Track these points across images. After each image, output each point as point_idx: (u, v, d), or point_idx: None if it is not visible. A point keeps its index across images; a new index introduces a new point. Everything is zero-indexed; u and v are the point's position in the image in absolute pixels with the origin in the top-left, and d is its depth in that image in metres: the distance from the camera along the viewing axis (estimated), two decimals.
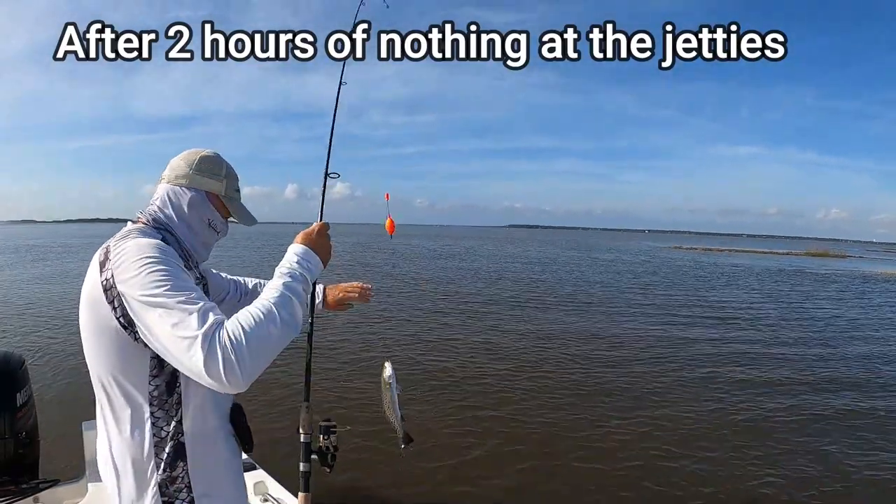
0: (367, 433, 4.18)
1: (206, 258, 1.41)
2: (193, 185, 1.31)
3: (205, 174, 1.33)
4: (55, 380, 5.75)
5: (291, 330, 1.10)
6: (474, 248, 41.11)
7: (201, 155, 1.35)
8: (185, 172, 1.32)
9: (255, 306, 1.07)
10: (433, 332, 9.04)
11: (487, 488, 3.93)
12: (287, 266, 1.22)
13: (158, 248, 1.11)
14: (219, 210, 1.36)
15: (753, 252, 51.63)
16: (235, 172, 1.41)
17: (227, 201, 1.37)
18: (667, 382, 6.64)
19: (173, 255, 1.14)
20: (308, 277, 1.22)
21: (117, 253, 1.10)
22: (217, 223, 1.36)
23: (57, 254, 26.05)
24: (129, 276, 1.05)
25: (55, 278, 15.30)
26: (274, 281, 1.18)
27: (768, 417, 5.56)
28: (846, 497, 4.01)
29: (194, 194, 1.31)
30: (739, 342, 9.17)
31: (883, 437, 5.08)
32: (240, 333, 0.99)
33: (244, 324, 1.02)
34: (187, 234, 1.31)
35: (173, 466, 1.16)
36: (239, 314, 1.05)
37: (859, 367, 7.81)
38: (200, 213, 1.32)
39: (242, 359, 0.98)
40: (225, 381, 0.97)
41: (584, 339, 9.03)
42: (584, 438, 4.84)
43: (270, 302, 1.09)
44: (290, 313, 1.10)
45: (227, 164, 1.39)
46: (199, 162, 1.33)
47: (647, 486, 4.02)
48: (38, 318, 9.08)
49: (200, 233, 1.33)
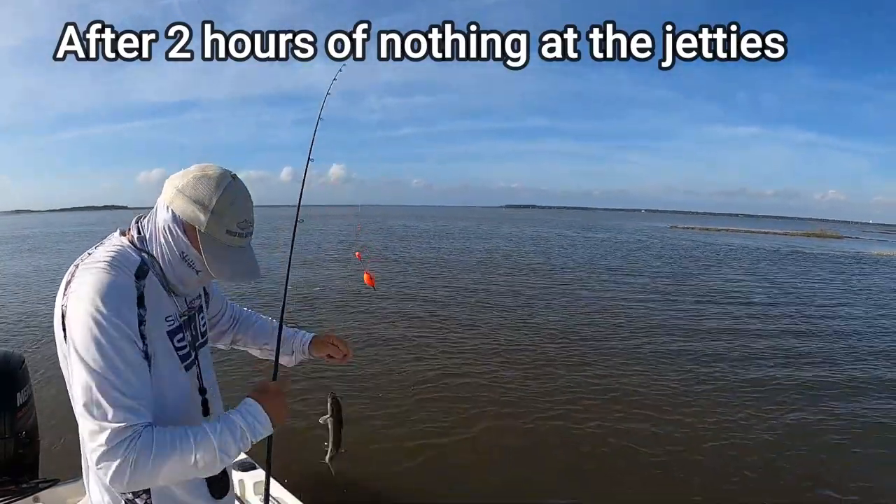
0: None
1: (187, 294, 1.21)
2: (172, 205, 1.10)
3: (187, 197, 1.08)
4: (55, 379, 5.62)
5: (200, 475, 1.05)
6: (469, 228, 41.31)
7: (202, 173, 1.11)
8: (173, 188, 1.11)
9: (180, 438, 0.99)
10: (422, 309, 9.45)
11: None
12: (234, 418, 1.09)
13: (116, 297, 1.00)
14: (195, 247, 1.10)
15: (750, 232, 51.74)
16: (241, 210, 1.12)
17: (203, 240, 1.09)
18: (638, 354, 7.09)
19: (130, 306, 1.02)
20: (249, 437, 1.09)
21: (79, 283, 1.01)
22: (192, 259, 1.12)
23: (53, 244, 25.71)
24: (76, 326, 0.98)
25: (54, 272, 15.21)
26: (214, 424, 1.06)
27: (730, 387, 5.91)
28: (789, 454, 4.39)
29: (169, 217, 1.10)
30: (717, 318, 9.49)
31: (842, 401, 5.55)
32: (148, 457, 0.95)
33: (158, 450, 0.96)
34: (164, 260, 1.12)
35: (136, 493, 1.10)
36: (161, 436, 0.98)
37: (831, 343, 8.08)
38: (173, 242, 1.10)
39: (133, 477, 0.95)
40: (107, 480, 0.95)
41: (568, 314, 9.50)
42: (553, 402, 5.30)
43: (196, 443, 1.00)
44: (207, 464, 1.02)
45: (231, 195, 1.11)
46: (191, 181, 1.09)
47: (610, 442, 4.48)
48: (38, 316, 9.01)
49: (174, 265, 1.12)
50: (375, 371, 6.03)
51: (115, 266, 1.04)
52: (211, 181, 1.10)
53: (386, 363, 6.39)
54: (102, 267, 1.02)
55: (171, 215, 1.10)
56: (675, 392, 5.71)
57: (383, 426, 4.67)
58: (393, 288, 11.55)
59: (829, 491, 3.87)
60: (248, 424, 1.08)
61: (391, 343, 7.30)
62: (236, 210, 1.12)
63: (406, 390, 5.55)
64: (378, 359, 6.49)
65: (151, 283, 1.10)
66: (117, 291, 1.00)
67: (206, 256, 1.10)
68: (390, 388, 5.61)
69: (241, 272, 1.15)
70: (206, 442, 1.01)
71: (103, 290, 0.98)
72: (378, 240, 26.20)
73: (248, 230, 1.16)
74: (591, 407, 5.20)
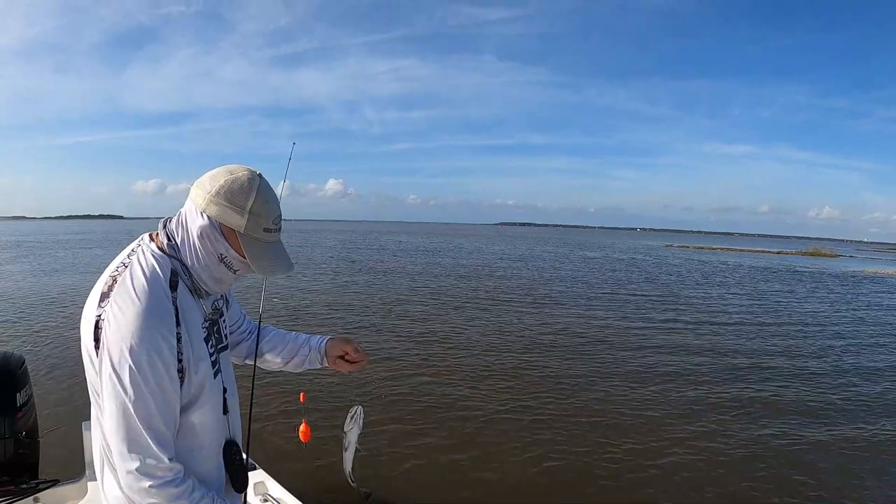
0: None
1: (221, 291, 1.25)
2: (208, 211, 1.12)
3: (223, 203, 1.11)
4: (55, 380, 5.70)
5: None
6: (462, 245, 41.41)
7: (232, 176, 1.13)
8: (204, 194, 1.12)
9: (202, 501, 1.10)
10: (411, 324, 9.36)
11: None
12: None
13: (158, 324, 1.04)
14: (234, 247, 1.14)
15: (743, 251, 52.02)
16: (272, 206, 1.16)
17: (242, 240, 1.13)
18: (603, 371, 7.08)
19: (171, 328, 1.07)
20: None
21: (120, 305, 1.04)
22: (231, 261, 1.16)
23: (52, 250, 25.71)
24: (114, 346, 1.01)
25: (53, 275, 15.15)
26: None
27: (692, 402, 5.91)
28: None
29: (206, 223, 1.12)
30: (689, 335, 9.48)
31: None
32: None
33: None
34: (195, 264, 1.15)
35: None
36: (192, 491, 1.09)
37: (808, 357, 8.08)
38: (210, 247, 1.14)
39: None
40: (128, 491, 1.05)
41: (551, 330, 9.44)
42: (525, 422, 5.22)
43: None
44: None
45: (263, 194, 1.14)
46: (224, 186, 1.12)
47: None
48: (38, 317, 9.00)
49: (210, 266, 1.16)
50: (374, 375, 6.04)
51: (155, 283, 1.08)
52: (244, 184, 1.13)
53: (383, 370, 6.37)
54: (147, 288, 1.06)
55: (207, 221, 1.12)
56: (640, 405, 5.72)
57: (383, 427, 4.69)
58: (381, 301, 11.62)
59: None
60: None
61: (390, 352, 7.31)
62: (270, 208, 1.15)
63: (399, 395, 5.56)
64: (380, 364, 6.49)
65: (182, 292, 1.13)
66: (157, 321, 1.04)
67: (248, 256, 1.14)
68: (385, 391, 5.64)
69: (281, 266, 1.20)
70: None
71: (144, 322, 1.02)
72: (369, 254, 26.24)
73: (280, 225, 1.20)
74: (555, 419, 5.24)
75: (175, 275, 1.12)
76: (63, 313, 9.21)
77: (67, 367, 6.03)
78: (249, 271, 1.19)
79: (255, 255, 1.15)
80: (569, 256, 31.67)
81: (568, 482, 4.08)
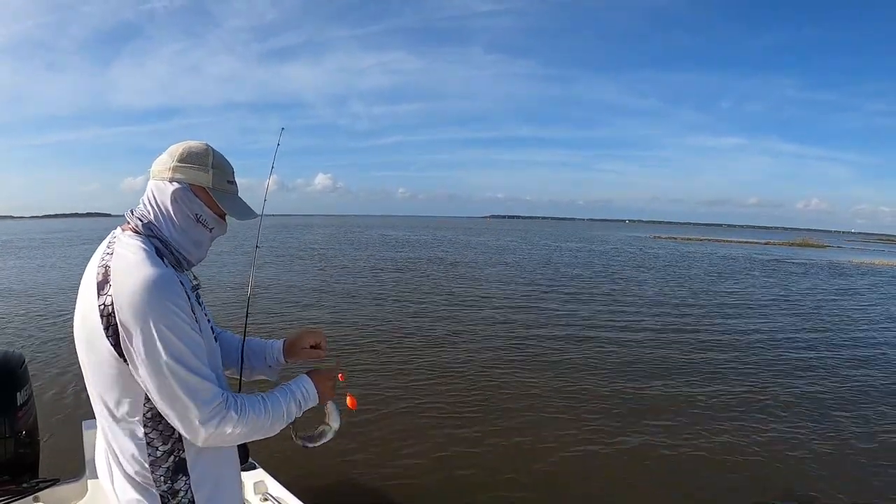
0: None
1: (201, 257, 1.31)
2: (176, 177, 1.22)
3: (188, 165, 1.23)
4: (55, 379, 5.66)
5: (268, 434, 1.25)
6: (448, 237, 41.56)
7: (187, 144, 1.27)
8: (167, 165, 1.23)
9: (260, 403, 1.21)
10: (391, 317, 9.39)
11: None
12: (294, 389, 1.32)
13: (169, 289, 1.09)
14: (208, 205, 1.26)
15: (730, 242, 52.53)
16: (228, 163, 1.31)
17: (214, 194, 1.26)
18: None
19: (180, 292, 1.12)
20: (302, 406, 1.32)
21: (120, 280, 1.07)
22: (206, 218, 1.26)
23: (50, 248, 25.43)
24: (136, 322, 1.04)
25: (52, 273, 14.95)
26: (278, 394, 1.28)
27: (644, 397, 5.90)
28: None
29: (177, 187, 1.22)
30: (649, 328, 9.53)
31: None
32: (244, 417, 1.15)
33: (248, 413, 1.17)
34: (173, 233, 1.23)
35: (174, 479, 1.17)
36: (247, 400, 1.19)
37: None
38: (186, 208, 1.23)
39: (234, 431, 1.14)
40: (202, 441, 1.12)
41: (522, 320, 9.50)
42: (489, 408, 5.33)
43: (270, 408, 1.22)
44: (274, 424, 1.24)
45: (217, 153, 1.28)
46: (183, 153, 1.24)
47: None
48: (38, 316, 8.92)
49: (188, 230, 1.25)
50: (372, 374, 6.05)
51: (149, 255, 1.13)
52: (200, 148, 1.27)
53: (378, 368, 6.41)
54: (143, 262, 1.10)
55: (177, 186, 1.23)
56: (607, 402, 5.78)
57: (382, 427, 4.71)
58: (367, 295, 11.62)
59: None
60: (303, 396, 1.31)
61: (381, 345, 7.34)
62: (227, 163, 1.31)
63: (395, 393, 5.58)
64: (373, 362, 6.52)
65: (167, 265, 1.17)
66: (168, 284, 1.09)
67: (223, 206, 1.27)
68: (385, 389, 5.66)
69: (249, 212, 1.34)
70: (277, 407, 1.24)
71: (158, 285, 1.07)
72: (353, 249, 26.23)
73: (235, 181, 1.34)
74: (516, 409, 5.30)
75: (158, 252, 1.17)
76: (63, 311, 9.12)
77: (68, 366, 5.98)
78: (221, 230, 1.32)
79: (228, 205, 1.28)
80: (539, 245, 32.00)
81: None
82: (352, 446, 4.21)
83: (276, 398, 1.25)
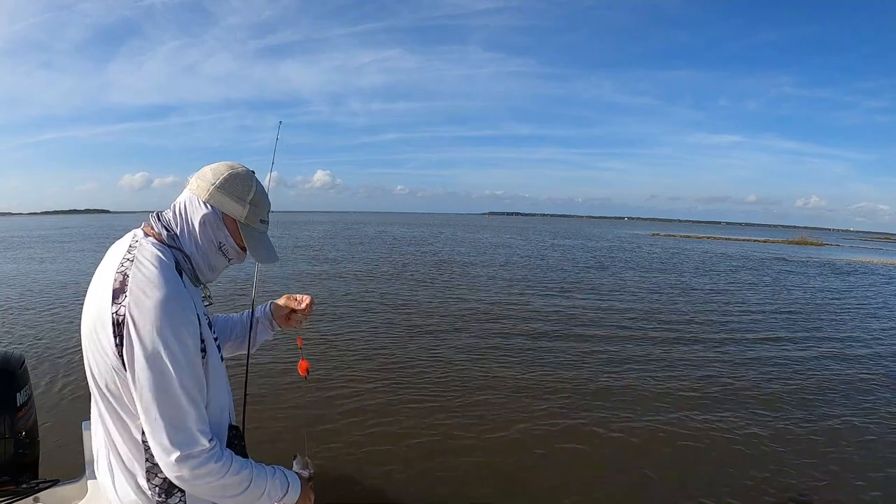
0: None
1: (211, 279, 1.31)
2: (211, 201, 1.22)
3: (226, 193, 1.22)
4: (55, 379, 5.63)
5: (238, 501, 1.17)
6: (445, 234, 41.64)
7: (232, 171, 1.25)
8: (207, 185, 1.22)
9: (245, 469, 1.16)
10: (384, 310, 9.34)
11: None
12: (287, 477, 1.29)
13: (182, 308, 1.09)
14: (233, 236, 1.25)
15: (729, 239, 52.57)
16: (266, 200, 1.30)
17: (244, 230, 1.25)
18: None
19: (192, 311, 1.12)
20: (281, 495, 1.25)
21: (137, 294, 1.06)
22: (228, 249, 1.26)
23: (42, 245, 25.31)
24: (144, 342, 1.04)
25: (52, 273, 14.88)
26: (267, 470, 1.23)
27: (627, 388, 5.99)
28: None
29: (209, 212, 1.21)
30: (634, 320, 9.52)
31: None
32: (223, 473, 1.11)
33: (232, 471, 1.12)
34: (194, 252, 1.22)
35: (169, 493, 1.17)
36: (235, 460, 1.14)
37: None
38: (212, 233, 1.23)
39: (209, 483, 1.09)
40: (176, 479, 1.09)
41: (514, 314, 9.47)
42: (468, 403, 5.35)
43: (253, 478, 1.17)
44: (250, 497, 1.17)
45: (259, 189, 1.27)
46: (227, 178, 1.23)
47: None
48: (38, 316, 8.86)
49: (208, 254, 1.24)
50: (371, 374, 6.05)
51: (169, 270, 1.11)
52: (245, 178, 1.26)
53: (376, 365, 6.40)
54: (162, 279, 1.09)
55: (210, 210, 1.22)
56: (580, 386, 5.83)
57: (381, 426, 4.68)
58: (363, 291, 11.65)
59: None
60: (290, 486, 1.28)
61: (379, 342, 7.32)
62: (265, 202, 1.30)
63: (395, 390, 5.57)
64: (370, 357, 6.52)
65: (186, 280, 1.17)
66: (182, 303, 1.09)
67: (247, 244, 1.26)
68: (385, 387, 5.66)
69: (272, 255, 1.32)
70: (261, 481, 1.19)
71: (173, 309, 1.07)
72: (350, 246, 26.27)
73: (268, 219, 1.34)
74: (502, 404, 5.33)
75: (178, 264, 1.17)
76: (64, 312, 9.07)
77: (68, 367, 5.96)
78: (240, 260, 1.31)
79: (253, 244, 1.27)
80: (533, 242, 32.10)
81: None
82: (350, 446, 4.19)
83: (263, 471, 1.21)
